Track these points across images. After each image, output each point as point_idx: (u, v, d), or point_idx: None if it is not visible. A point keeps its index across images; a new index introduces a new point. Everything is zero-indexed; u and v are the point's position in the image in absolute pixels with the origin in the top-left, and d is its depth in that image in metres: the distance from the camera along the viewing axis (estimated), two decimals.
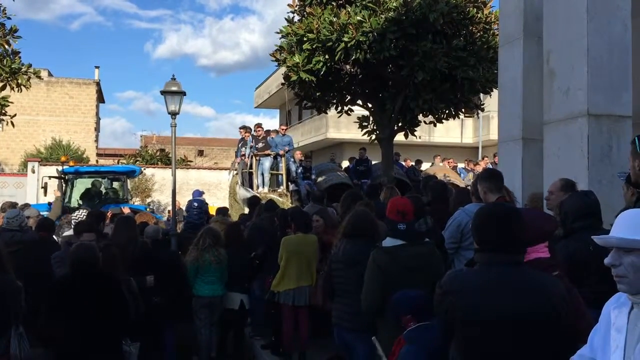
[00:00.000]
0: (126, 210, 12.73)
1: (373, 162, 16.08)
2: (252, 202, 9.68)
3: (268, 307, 7.06)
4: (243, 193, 13.96)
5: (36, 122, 35.34)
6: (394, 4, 9.95)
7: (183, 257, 7.00)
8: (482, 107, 13.22)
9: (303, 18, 11.04)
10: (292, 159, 14.88)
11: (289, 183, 14.37)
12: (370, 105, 12.17)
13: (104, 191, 14.77)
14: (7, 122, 15.09)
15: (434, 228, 4.74)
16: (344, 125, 21.99)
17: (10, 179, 23.88)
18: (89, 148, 35.67)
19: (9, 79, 14.46)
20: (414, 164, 16.48)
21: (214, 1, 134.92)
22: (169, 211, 13.80)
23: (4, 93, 14.69)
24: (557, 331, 2.37)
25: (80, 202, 13.89)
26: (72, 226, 7.01)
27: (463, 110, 12.41)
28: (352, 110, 12.62)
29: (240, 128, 15.32)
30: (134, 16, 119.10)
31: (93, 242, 5.05)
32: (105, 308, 4.37)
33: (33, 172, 22.91)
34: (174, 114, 9.27)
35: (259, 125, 14.66)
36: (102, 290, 4.42)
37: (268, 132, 14.94)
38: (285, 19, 11.39)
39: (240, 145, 15.04)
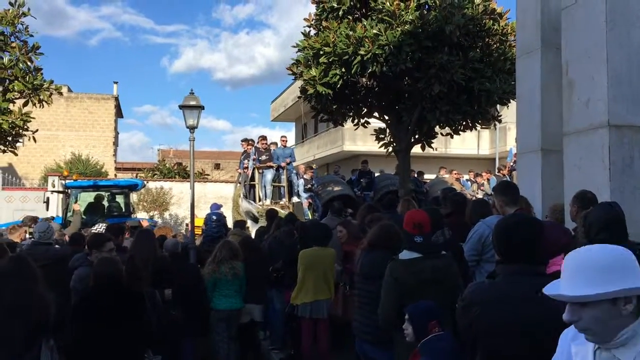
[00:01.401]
0: (145, 223, 12.84)
1: (376, 174, 16.07)
2: (270, 215, 9.70)
3: (287, 320, 7.06)
4: (245, 206, 13.98)
5: (56, 137, 35.88)
6: (410, 17, 9.98)
7: (202, 270, 7.03)
8: (499, 118, 13.17)
9: (319, 32, 11.12)
10: (294, 171, 14.89)
11: (291, 195, 14.39)
12: (386, 118, 12.19)
13: (107, 205, 14.78)
14: (29, 138, 15.35)
15: (453, 240, 4.72)
16: (360, 138, 22.02)
17: (31, 193, 24.21)
18: (107, 162, 36.10)
19: (31, 95, 14.74)
20: (416, 175, 16.42)
21: (230, 16, 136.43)
22: (187, 224, 13.89)
23: (26, 109, 14.97)
24: None
25: (84, 216, 13.80)
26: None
27: (480, 121, 12.36)
28: (368, 123, 12.65)
29: (242, 141, 15.33)
30: (150, 31, 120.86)
31: (116, 256, 5.10)
32: (128, 321, 4.41)
33: (53, 186, 23.23)
34: (192, 128, 9.36)
35: (262, 138, 14.72)
36: (125, 303, 4.46)
37: (274, 144, 14.98)
38: (302, 32, 11.49)
39: (242, 157, 15.06)
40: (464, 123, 11.84)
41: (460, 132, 12.24)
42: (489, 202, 5.47)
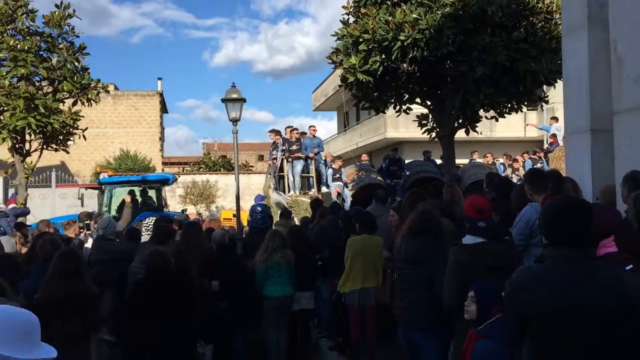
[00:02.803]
0: (192, 216, 13.08)
1: (406, 162, 15.88)
2: (314, 204, 9.76)
3: (334, 308, 7.11)
4: (275, 197, 14.03)
5: (105, 135, 36.91)
6: (450, 0, 9.81)
7: (249, 261, 7.14)
8: (546, 99, 12.81)
9: (358, 19, 11.05)
10: (322, 161, 14.82)
11: (320, 186, 14.36)
12: (429, 103, 12.03)
13: (139, 200, 14.87)
14: (80, 136, 15.87)
15: (501, 225, 4.65)
16: (403, 125, 21.80)
17: (83, 190, 24.95)
18: (154, 157, 36.93)
19: (80, 95, 15.22)
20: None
21: (268, 6, 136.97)
22: (233, 215, 14.07)
23: (75, 108, 15.47)
24: (636, 327, 2.28)
25: (117, 214, 13.73)
26: (147, 233, 7.32)
27: (526, 103, 12.04)
28: (410, 109, 12.51)
29: (269, 132, 15.30)
30: (191, 26, 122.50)
31: (165, 248, 5.25)
32: (179, 311, 4.54)
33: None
34: (235, 121, 9.48)
35: (291, 128, 14.71)
36: (176, 294, 4.59)
37: (303, 134, 14.95)
38: (340, 20, 11.43)
39: (272, 149, 15.07)
40: (509, 105, 11.57)
41: (505, 115, 11.97)
42: None
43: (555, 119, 17.27)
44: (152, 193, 15.30)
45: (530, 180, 4.48)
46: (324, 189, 14.39)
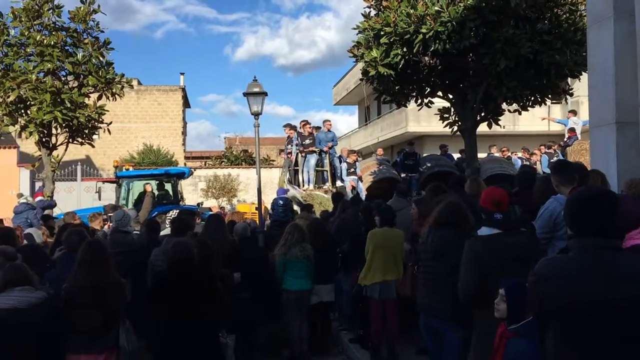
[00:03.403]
0: (215, 209, 13.19)
1: (423, 155, 15.78)
2: (336, 197, 9.78)
3: (355, 300, 7.13)
4: (290, 191, 14.09)
5: (128, 129, 37.37)
6: None
7: (270, 254, 7.19)
8: (570, 92, 12.62)
9: (379, 12, 11.00)
10: (336, 155, 14.82)
11: (334, 180, 14.37)
12: (451, 96, 11.94)
13: (156, 193, 14.88)
14: (104, 130, 16.10)
15: (524, 217, 4.62)
16: (424, 118, 21.67)
17: (108, 184, 25.31)
18: (177, 152, 37.29)
19: (105, 89, 15.44)
20: (461, 155, 15.98)
21: (290, 1, 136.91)
22: (256, 208, 14.17)
23: (100, 102, 15.70)
24: None
25: (134, 207, 13.76)
26: (169, 225, 7.43)
27: (550, 96, 11.88)
28: (432, 103, 12.43)
29: (284, 126, 15.36)
30: (213, 21, 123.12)
31: (188, 240, 5.32)
32: (201, 302, 4.60)
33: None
34: (256, 115, 9.53)
35: (305, 122, 14.74)
36: (198, 285, 4.66)
37: (317, 128, 14.96)
38: (362, 14, 11.39)
39: (287, 143, 15.13)
40: (532, 98, 11.43)
41: (528, 108, 11.83)
42: None
43: (573, 112, 17.04)
44: (168, 187, 15.49)
45: (558, 172, 4.42)
46: (338, 183, 14.42)
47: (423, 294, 4.50)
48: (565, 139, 16.82)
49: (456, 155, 16.57)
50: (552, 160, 15.30)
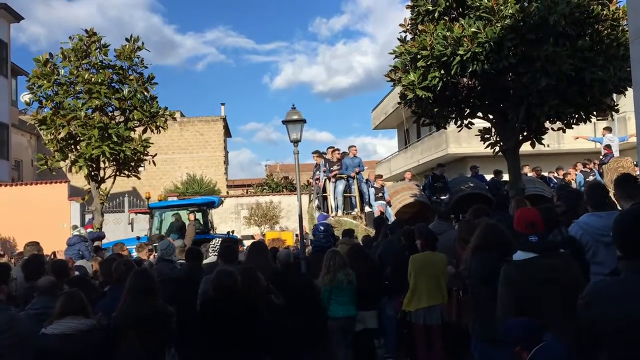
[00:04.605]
0: (257, 236, 13.31)
1: (450, 179, 15.55)
2: (377, 222, 9.73)
3: (400, 326, 7.03)
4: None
5: (172, 160, 38.24)
6: (510, 11, 9.63)
7: (314, 280, 7.17)
8: (616, 108, 12.30)
9: (415, 36, 11.03)
10: (364, 181, 14.75)
11: (363, 205, 14.29)
12: (491, 117, 11.80)
13: (187, 223, 15.10)
14: (150, 162, 16.56)
15: (571, 238, 4.50)
16: (465, 140, 21.46)
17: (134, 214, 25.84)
18: (219, 180, 37.89)
19: (149, 123, 15.92)
20: (496, 176, 15.65)
21: (326, 28, 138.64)
22: (296, 235, 14.22)
23: (145, 135, 16.18)
24: None
25: (164, 234, 14.12)
26: (214, 253, 7.52)
27: (594, 113, 11.60)
28: (472, 124, 12.31)
29: (312, 153, 15.48)
30: (252, 51, 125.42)
31: (232, 267, 5.38)
32: (245, 329, 4.63)
33: None
34: (296, 142, 9.64)
35: (332, 149, 14.77)
36: (243, 312, 4.69)
37: (344, 154, 14.98)
38: (398, 38, 11.46)
39: (315, 170, 15.22)
40: (576, 116, 11.19)
41: (572, 126, 11.58)
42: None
43: (608, 129, 16.63)
44: (198, 216, 15.69)
45: (621, 185, 4.29)
46: (367, 209, 14.37)
47: (473, 318, 4.43)
48: (601, 157, 16.38)
49: (489, 177, 16.33)
50: (587, 179, 14.92)
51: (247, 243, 13.90)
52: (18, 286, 5.50)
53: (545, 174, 17.24)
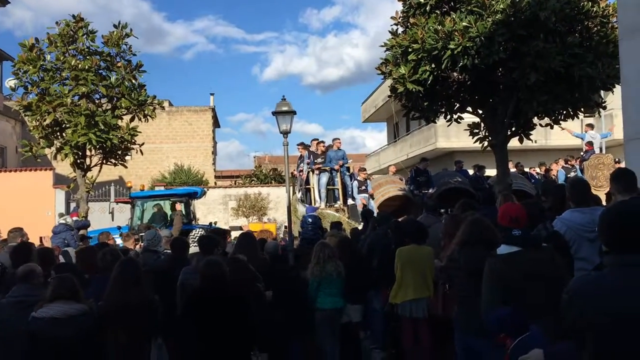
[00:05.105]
0: (246, 227, 13.28)
1: (434, 173, 15.63)
2: (365, 214, 9.74)
3: (387, 319, 7.06)
4: (302, 210, 14.07)
5: (160, 150, 37.98)
6: (501, 6, 9.64)
7: (302, 272, 7.17)
8: (603, 105, 12.40)
9: (407, 29, 11.01)
10: (347, 174, 14.79)
11: (346, 198, 14.34)
12: (480, 112, 11.83)
13: (168, 213, 15.05)
14: (137, 151, 16.42)
15: (556, 233, 4.53)
16: (454, 134, 21.53)
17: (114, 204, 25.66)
18: (207, 171, 37.72)
19: (137, 111, 15.77)
20: (476, 171, 15.72)
21: (317, 20, 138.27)
22: (285, 227, 14.19)
23: (132, 124, 16.04)
24: None
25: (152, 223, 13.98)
26: (194, 244, 7.47)
27: (582, 109, 11.67)
28: (461, 118, 12.33)
29: (297, 144, 15.48)
30: (241, 41, 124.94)
31: (220, 258, 5.36)
32: (232, 319, 4.61)
33: None
34: (285, 133, 9.62)
35: (317, 141, 14.76)
36: (230, 303, 4.67)
37: (330, 147, 14.97)
38: (389, 31, 11.43)
39: (299, 162, 15.21)
40: (564, 112, 11.26)
41: (560, 122, 11.65)
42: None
43: (591, 126, 16.78)
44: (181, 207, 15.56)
45: (617, 178, 4.27)
46: (349, 201, 14.40)
47: (457, 310, 4.45)
48: (582, 153, 16.56)
49: (470, 171, 16.42)
50: (569, 175, 15.09)
51: (235, 234, 13.85)
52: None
53: (527, 169, 17.36)
